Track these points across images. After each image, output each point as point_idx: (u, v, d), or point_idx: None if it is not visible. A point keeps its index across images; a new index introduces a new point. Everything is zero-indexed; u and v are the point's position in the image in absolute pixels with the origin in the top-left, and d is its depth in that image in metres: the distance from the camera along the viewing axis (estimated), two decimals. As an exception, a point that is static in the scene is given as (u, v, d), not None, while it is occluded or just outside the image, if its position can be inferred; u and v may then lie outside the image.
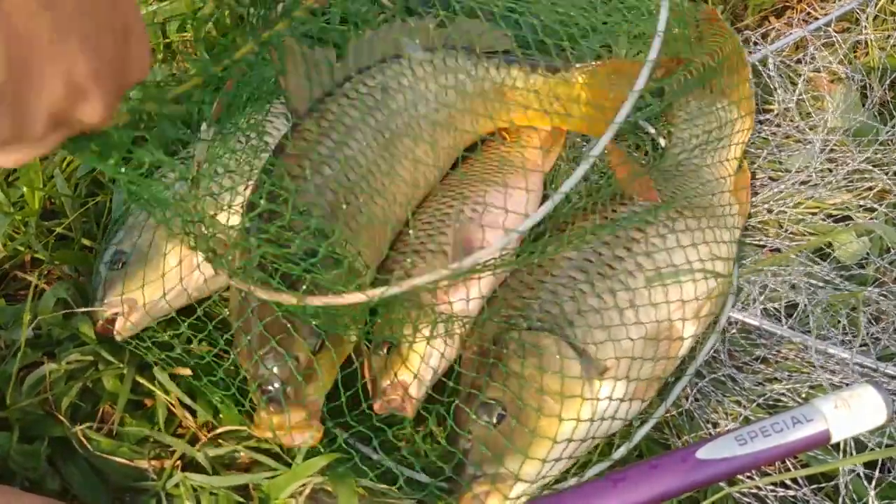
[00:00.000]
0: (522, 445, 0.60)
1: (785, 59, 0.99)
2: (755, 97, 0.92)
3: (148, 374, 0.67)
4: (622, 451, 0.65)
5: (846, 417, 0.55)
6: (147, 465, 0.63)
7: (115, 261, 0.71)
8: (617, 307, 0.67)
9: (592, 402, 0.62)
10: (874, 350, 0.73)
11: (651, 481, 0.53)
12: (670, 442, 0.69)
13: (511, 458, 0.60)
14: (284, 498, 0.58)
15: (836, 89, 0.96)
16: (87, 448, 0.63)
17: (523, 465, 0.59)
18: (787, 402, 0.70)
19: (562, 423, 0.61)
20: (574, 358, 0.63)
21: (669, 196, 0.75)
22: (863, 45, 1.02)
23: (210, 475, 0.62)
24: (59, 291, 0.70)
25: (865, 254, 0.80)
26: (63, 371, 0.66)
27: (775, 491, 0.65)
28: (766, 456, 0.54)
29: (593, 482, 0.54)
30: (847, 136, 0.90)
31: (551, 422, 0.60)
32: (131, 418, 0.66)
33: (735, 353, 0.75)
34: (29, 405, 0.64)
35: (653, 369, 0.66)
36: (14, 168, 0.52)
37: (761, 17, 1.10)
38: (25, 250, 0.75)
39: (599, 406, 0.63)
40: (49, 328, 0.69)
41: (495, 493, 0.59)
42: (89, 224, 0.79)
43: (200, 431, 0.65)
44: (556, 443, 0.60)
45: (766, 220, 0.84)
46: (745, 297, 0.77)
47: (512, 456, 0.60)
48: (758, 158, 0.90)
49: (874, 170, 0.85)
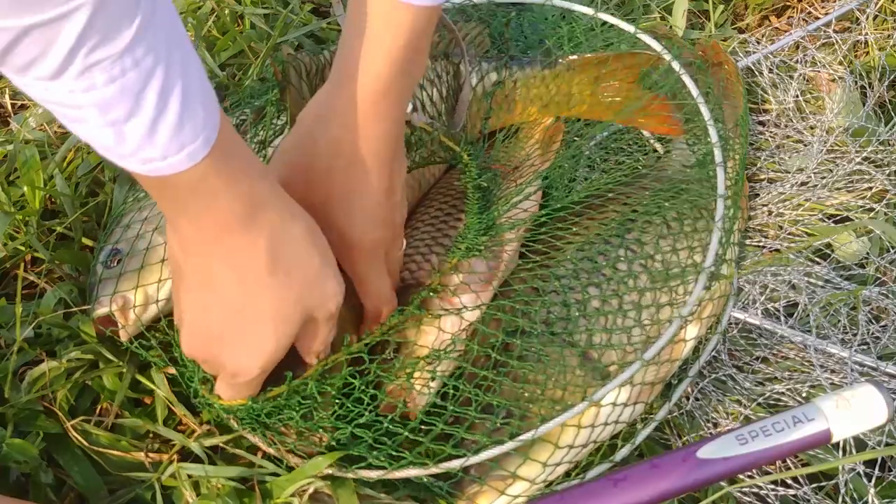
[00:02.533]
0: (524, 449, 0.60)
1: (785, 59, 0.99)
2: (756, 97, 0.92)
3: (148, 373, 0.68)
4: (624, 451, 0.65)
5: (847, 416, 0.55)
6: (144, 458, 0.63)
7: (110, 259, 0.71)
8: (622, 310, 0.67)
9: (595, 407, 0.63)
10: (874, 349, 0.73)
11: (652, 481, 0.53)
12: (671, 442, 0.69)
13: (512, 461, 0.60)
14: (286, 497, 0.58)
15: (835, 89, 0.96)
16: (83, 442, 0.63)
17: (523, 466, 0.60)
18: (787, 402, 0.70)
19: (565, 429, 0.61)
20: (578, 363, 0.63)
21: (672, 197, 0.75)
22: (863, 44, 1.02)
23: (207, 465, 0.62)
24: (59, 291, 0.70)
25: (865, 253, 0.80)
26: (63, 368, 0.66)
27: (776, 490, 0.65)
28: (766, 455, 0.54)
29: (594, 482, 0.54)
30: (846, 136, 0.90)
31: (559, 428, 0.61)
32: (131, 415, 0.66)
33: (735, 353, 0.75)
34: (27, 402, 0.64)
35: (656, 373, 0.66)
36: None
37: (761, 17, 1.10)
38: (26, 250, 0.75)
39: (602, 411, 0.63)
40: (49, 328, 0.69)
41: (492, 492, 0.60)
42: (90, 223, 0.79)
43: (200, 428, 0.65)
44: (558, 447, 0.60)
45: (766, 222, 0.85)
46: (746, 298, 0.77)
47: (513, 459, 0.60)
48: (757, 160, 0.90)
49: (875, 172, 0.85)
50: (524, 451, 0.60)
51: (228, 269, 0.52)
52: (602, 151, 0.88)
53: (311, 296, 0.54)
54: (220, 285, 0.53)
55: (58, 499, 0.63)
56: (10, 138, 0.83)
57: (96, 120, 0.42)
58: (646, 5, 1.04)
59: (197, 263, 0.53)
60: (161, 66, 0.42)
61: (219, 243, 0.51)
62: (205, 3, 0.97)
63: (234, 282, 0.52)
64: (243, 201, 0.50)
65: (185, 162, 0.45)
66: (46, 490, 0.62)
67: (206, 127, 0.45)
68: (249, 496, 0.60)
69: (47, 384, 0.65)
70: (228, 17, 0.96)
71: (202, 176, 0.46)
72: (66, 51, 0.39)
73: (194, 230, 0.51)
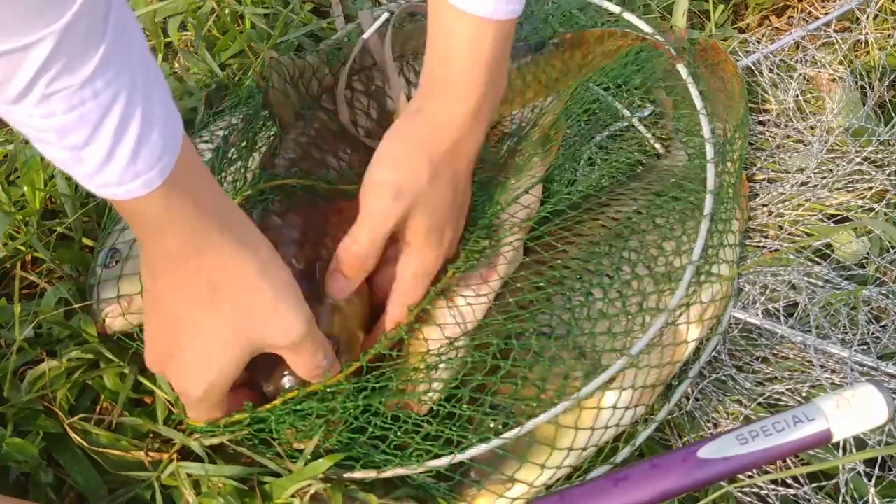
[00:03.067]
0: (524, 451, 0.60)
1: (785, 59, 0.99)
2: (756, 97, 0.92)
3: (149, 372, 0.67)
4: (625, 453, 0.65)
5: (847, 416, 0.55)
6: (144, 457, 0.63)
7: (109, 259, 0.71)
8: (626, 312, 0.67)
9: (597, 410, 0.63)
10: (874, 349, 0.73)
11: (652, 481, 0.53)
12: (671, 442, 0.69)
13: (512, 463, 0.60)
14: (287, 497, 0.58)
15: (835, 89, 0.96)
16: (83, 442, 0.63)
17: (522, 469, 0.60)
18: (787, 402, 0.70)
19: (566, 431, 0.61)
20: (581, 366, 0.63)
21: (672, 197, 0.76)
22: (863, 44, 1.02)
23: (206, 464, 0.62)
24: (60, 290, 0.70)
25: (865, 254, 0.80)
26: (63, 368, 0.66)
27: (776, 489, 0.65)
28: (767, 455, 0.54)
29: (594, 482, 0.54)
30: (847, 136, 0.90)
31: (556, 430, 0.61)
32: (130, 415, 0.66)
33: (735, 353, 0.75)
34: (28, 401, 0.64)
35: (658, 375, 0.66)
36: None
37: (762, 17, 1.10)
38: (26, 250, 0.75)
39: (603, 414, 0.63)
40: (50, 327, 0.69)
41: (489, 495, 0.60)
42: (90, 224, 0.79)
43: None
44: (557, 450, 0.60)
45: (766, 222, 0.85)
46: (746, 298, 0.77)
47: (513, 461, 0.60)
48: (757, 160, 0.90)
49: (875, 172, 0.85)
50: (523, 454, 0.60)
51: (176, 294, 0.54)
52: (602, 151, 0.88)
53: (258, 328, 0.54)
54: (168, 308, 0.54)
55: (58, 498, 0.63)
56: (11, 138, 0.83)
57: (55, 143, 0.43)
58: (646, 5, 1.04)
59: (152, 283, 0.55)
60: (122, 97, 0.43)
61: (170, 268, 0.52)
62: (205, 3, 0.97)
63: (181, 308, 0.54)
64: (193, 233, 0.51)
65: (140, 189, 0.46)
66: (46, 489, 0.62)
67: (164, 157, 0.46)
68: (250, 496, 0.60)
69: (47, 384, 0.65)
70: (229, 17, 0.96)
71: (155, 204, 0.48)
72: (28, 79, 0.40)
73: (150, 252, 0.53)
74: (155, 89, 0.46)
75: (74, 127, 0.42)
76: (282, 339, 0.55)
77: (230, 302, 0.53)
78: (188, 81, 0.90)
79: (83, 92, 0.42)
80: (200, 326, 0.54)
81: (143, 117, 0.44)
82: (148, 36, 0.96)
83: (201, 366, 0.55)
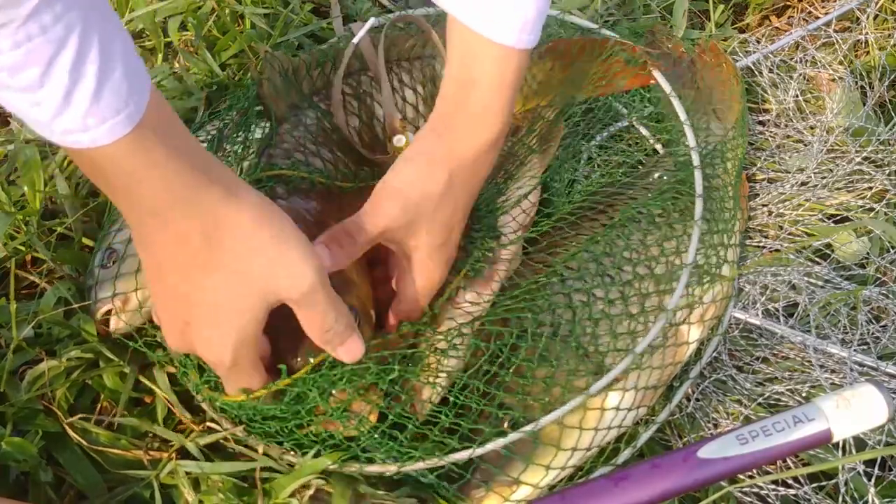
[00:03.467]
0: (530, 452, 0.60)
1: (785, 59, 0.99)
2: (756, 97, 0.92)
3: (149, 373, 0.67)
4: (626, 454, 0.65)
5: (847, 416, 0.55)
6: (144, 456, 0.63)
7: (106, 259, 0.71)
8: (628, 313, 0.67)
9: (601, 411, 0.63)
10: (874, 349, 0.73)
11: (652, 480, 0.53)
12: (672, 442, 0.69)
13: (518, 464, 0.60)
14: (286, 497, 0.58)
15: (835, 89, 0.96)
16: (82, 441, 0.63)
17: (528, 471, 0.60)
18: (787, 402, 0.70)
19: (570, 432, 0.61)
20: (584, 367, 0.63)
21: (673, 197, 0.75)
22: (863, 44, 1.02)
23: (203, 462, 0.62)
24: (59, 290, 0.70)
25: (865, 253, 0.80)
26: (62, 367, 0.66)
27: (776, 489, 0.65)
28: (767, 455, 0.54)
29: (595, 481, 0.54)
30: (846, 136, 0.90)
31: (560, 430, 0.61)
32: (130, 415, 0.66)
33: (735, 354, 0.75)
34: (27, 400, 0.64)
35: (660, 376, 0.66)
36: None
37: (762, 17, 1.10)
38: (26, 250, 0.75)
39: (606, 415, 0.63)
40: (49, 327, 0.69)
41: (495, 496, 0.60)
42: (90, 224, 0.78)
43: (197, 428, 0.65)
44: (561, 450, 0.61)
45: (766, 222, 0.85)
46: (746, 298, 0.77)
47: (519, 462, 0.60)
48: (757, 160, 0.90)
49: (875, 172, 0.85)
50: (528, 455, 0.60)
51: (174, 262, 0.50)
52: (602, 151, 0.88)
53: (266, 276, 0.51)
54: (169, 279, 0.52)
55: (57, 497, 0.63)
56: (11, 138, 0.83)
57: (10, 85, 0.41)
58: (646, 5, 1.04)
59: (147, 256, 0.52)
60: (75, 34, 0.41)
61: (159, 232, 0.49)
62: (205, 2, 0.97)
63: (181, 276, 0.51)
64: (172, 187, 0.47)
65: (106, 136, 0.43)
66: (46, 488, 0.62)
67: (131, 102, 0.43)
68: (250, 493, 0.60)
69: (47, 383, 0.65)
70: (229, 17, 0.96)
71: (126, 153, 0.44)
72: None
73: (134, 219, 0.50)
74: (117, 36, 0.43)
75: (23, 64, 0.40)
76: (292, 285, 0.51)
77: (229, 253, 0.50)
78: (188, 81, 0.90)
79: (28, 27, 0.39)
80: (205, 290, 0.51)
81: (102, 56, 0.42)
82: (148, 36, 0.96)
83: (220, 332, 0.52)
